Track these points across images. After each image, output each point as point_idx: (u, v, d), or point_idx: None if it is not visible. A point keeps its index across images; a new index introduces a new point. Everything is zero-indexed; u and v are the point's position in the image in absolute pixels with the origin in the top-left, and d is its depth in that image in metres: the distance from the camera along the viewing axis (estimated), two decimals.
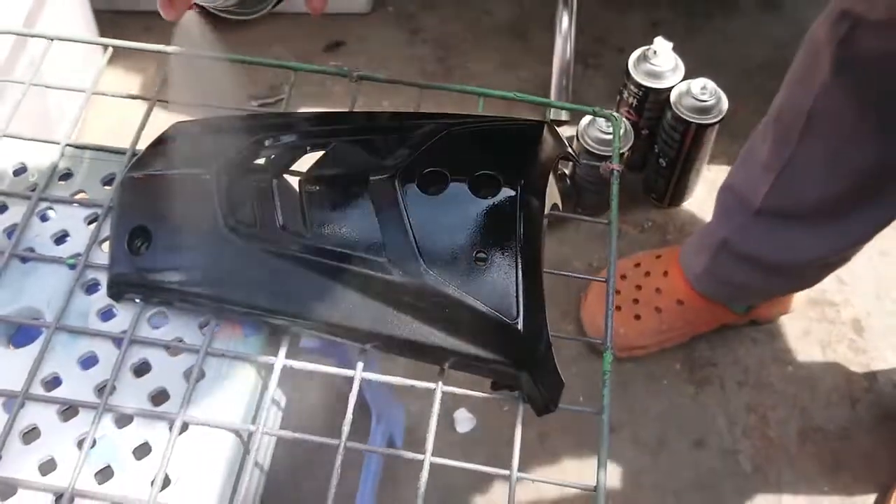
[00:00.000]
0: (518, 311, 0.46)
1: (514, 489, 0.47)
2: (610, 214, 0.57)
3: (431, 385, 0.50)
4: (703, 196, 1.21)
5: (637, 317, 1.06)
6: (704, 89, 1.06)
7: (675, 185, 1.16)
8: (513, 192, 0.48)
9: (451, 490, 0.97)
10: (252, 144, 0.53)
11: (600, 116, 0.64)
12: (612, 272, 0.55)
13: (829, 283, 1.14)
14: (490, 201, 0.48)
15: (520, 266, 0.47)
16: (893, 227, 1.17)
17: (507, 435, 0.48)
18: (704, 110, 1.06)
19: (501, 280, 0.47)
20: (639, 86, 1.10)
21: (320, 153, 0.52)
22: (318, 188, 0.50)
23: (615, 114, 0.62)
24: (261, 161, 0.53)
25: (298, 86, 0.61)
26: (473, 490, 0.98)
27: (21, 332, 0.53)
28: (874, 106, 0.75)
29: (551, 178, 0.54)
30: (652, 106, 1.11)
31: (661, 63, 1.09)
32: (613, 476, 0.99)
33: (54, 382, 0.50)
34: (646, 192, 1.20)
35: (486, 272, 0.47)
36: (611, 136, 1.07)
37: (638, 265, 1.10)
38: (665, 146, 1.12)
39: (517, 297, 0.47)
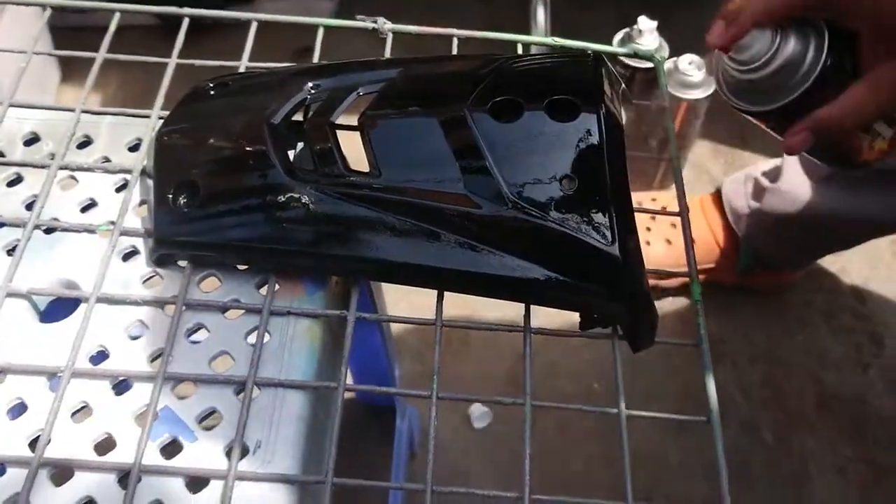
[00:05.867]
0: (614, 237, 0.43)
1: (624, 426, 0.43)
2: (671, 151, 0.55)
3: (519, 326, 0.46)
4: (691, 177, 1.21)
5: (647, 243, 1.06)
6: (692, 64, 1.06)
7: (665, 166, 1.15)
8: (593, 116, 0.45)
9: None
10: (297, 91, 0.49)
11: (642, 56, 0.62)
12: (685, 205, 0.53)
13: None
14: (571, 124, 0.45)
15: (609, 190, 0.44)
16: None
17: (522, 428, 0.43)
18: (694, 86, 1.06)
19: (593, 205, 0.44)
20: (626, 66, 1.09)
21: (373, 97, 0.49)
22: (381, 127, 0.46)
23: (656, 54, 0.60)
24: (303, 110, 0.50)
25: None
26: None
27: (55, 308, 0.48)
28: None
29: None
30: (640, 86, 1.10)
31: (646, 42, 1.08)
32: (638, 457, 0.96)
33: (101, 357, 0.45)
34: (638, 174, 1.19)
35: (575, 197, 0.44)
36: None
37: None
38: (654, 126, 1.11)
39: (611, 221, 0.44)
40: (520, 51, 0.59)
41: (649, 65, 1.09)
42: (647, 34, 1.08)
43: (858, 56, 0.48)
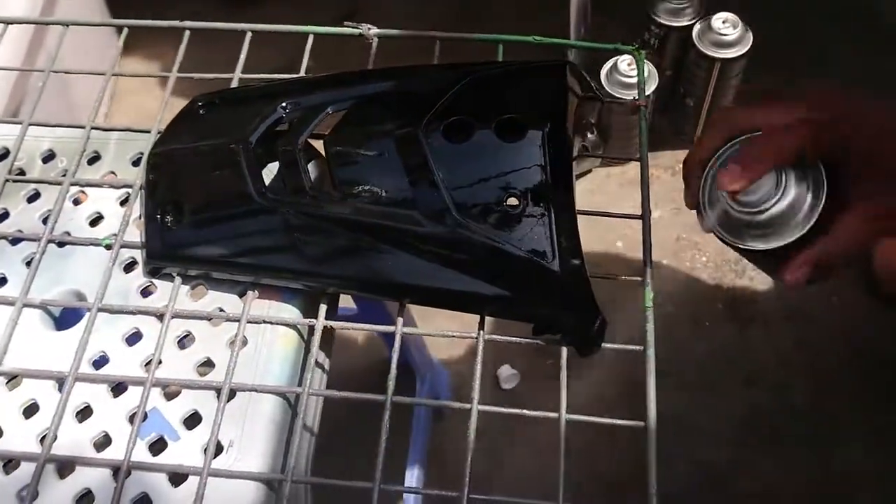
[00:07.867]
0: (554, 253, 0.46)
1: (563, 431, 0.47)
2: (640, 152, 0.56)
3: (472, 334, 0.49)
4: None
5: None
6: (726, 22, 1.04)
7: (704, 125, 1.14)
8: (539, 135, 0.47)
9: (496, 442, 0.97)
10: (272, 111, 0.53)
11: (623, 52, 0.62)
12: (647, 209, 0.54)
13: None
14: (517, 145, 0.47)
15: (552, 208, 0.47)
16: None
17: (552, 388, 0.47)
18: (728, 44, 1.04)
19: (535, 223, 0.46)
20: (660, 25, 1.07)
21: (342, 113, 0.52)
22: (343, 148, 0.50)
23: (637, 48, 0.61)
24: (284, 126, 0.53)
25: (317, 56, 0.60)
26: (522, 439, 0.98)
27: (66, 315, 0.54)
28: None
29: (577, 118, 0.53)
30: (674, 45, 1.09)
31: (680, 0, 1.06)
32: (665, 419, 0.99)
33: (102, 361, 0.51)
34: (675, 134, 1.18)
35: (519, 217, 0.47)
36: (634, 80, 1.05)
37: None
38: (690, 85, 1.10)
39: (552, 239, 0.46)
40: (499, 53, 0.60)
41: (685, 23, 1.08)
42: None
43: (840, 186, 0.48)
